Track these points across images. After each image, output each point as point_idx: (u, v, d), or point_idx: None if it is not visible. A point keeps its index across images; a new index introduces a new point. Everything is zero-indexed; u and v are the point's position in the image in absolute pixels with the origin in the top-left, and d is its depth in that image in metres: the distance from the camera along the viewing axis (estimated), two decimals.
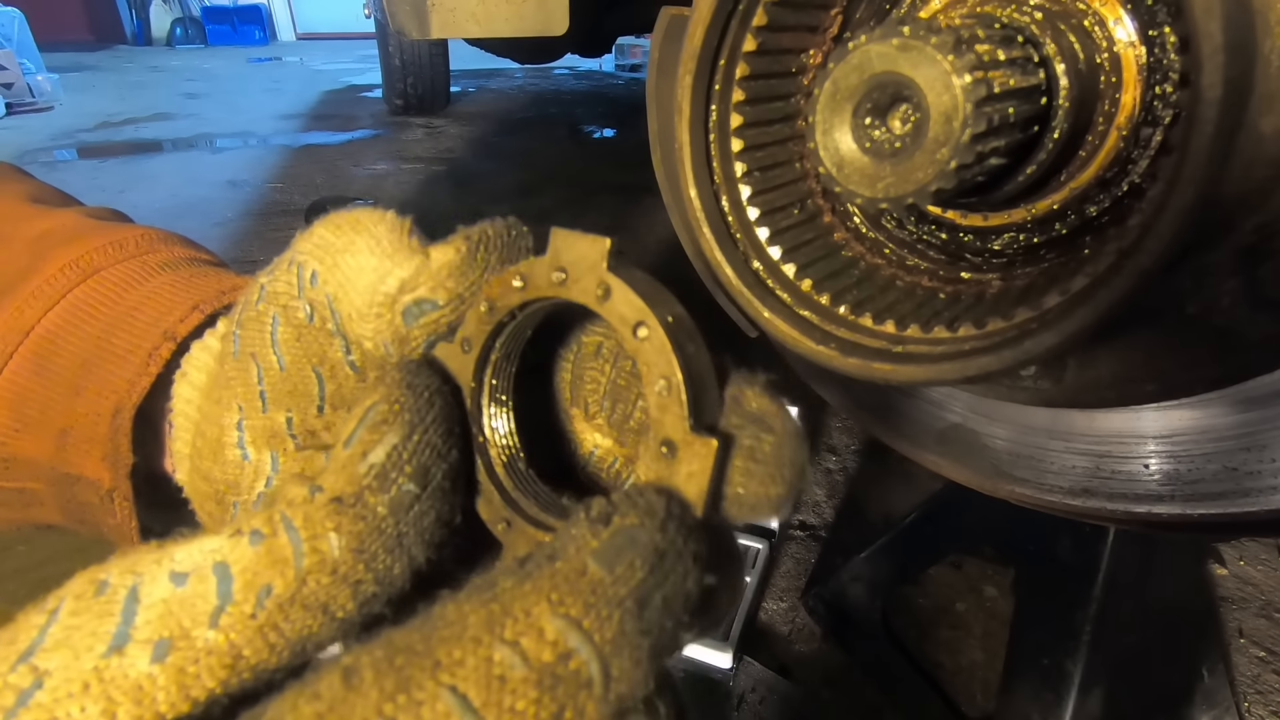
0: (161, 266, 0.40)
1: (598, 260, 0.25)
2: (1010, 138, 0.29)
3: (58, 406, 0.37)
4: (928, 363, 0.32)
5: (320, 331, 0.30)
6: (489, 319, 0.28)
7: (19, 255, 0.40)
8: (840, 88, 0.28)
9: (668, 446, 0.24)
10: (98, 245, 0.40)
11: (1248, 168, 0.36)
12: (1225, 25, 0.23)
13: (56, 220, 0.42)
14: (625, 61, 8.86)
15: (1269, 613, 1.41)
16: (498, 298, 0.27)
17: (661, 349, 0.24)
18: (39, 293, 0.38)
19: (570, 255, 0.26)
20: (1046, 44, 0.32)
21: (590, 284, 0.25)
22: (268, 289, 0.31)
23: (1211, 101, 0.23)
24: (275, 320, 0.30)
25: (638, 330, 0.25)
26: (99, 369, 0.37)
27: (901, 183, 0.28)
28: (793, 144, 0.41)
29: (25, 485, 0.40)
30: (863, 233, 0.43)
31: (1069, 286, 0.29)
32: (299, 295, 0.30)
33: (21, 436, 0.38)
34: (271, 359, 0.30)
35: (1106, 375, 0.46)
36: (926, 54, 0.26)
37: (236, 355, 0.31)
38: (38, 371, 0.37)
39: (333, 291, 0.29)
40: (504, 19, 1.47)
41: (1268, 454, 0.47)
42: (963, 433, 0.63)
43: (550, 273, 0.26)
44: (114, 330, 0.37)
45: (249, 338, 0.31)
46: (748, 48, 0.34)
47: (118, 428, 0.36)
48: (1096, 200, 0.38)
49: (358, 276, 0.29)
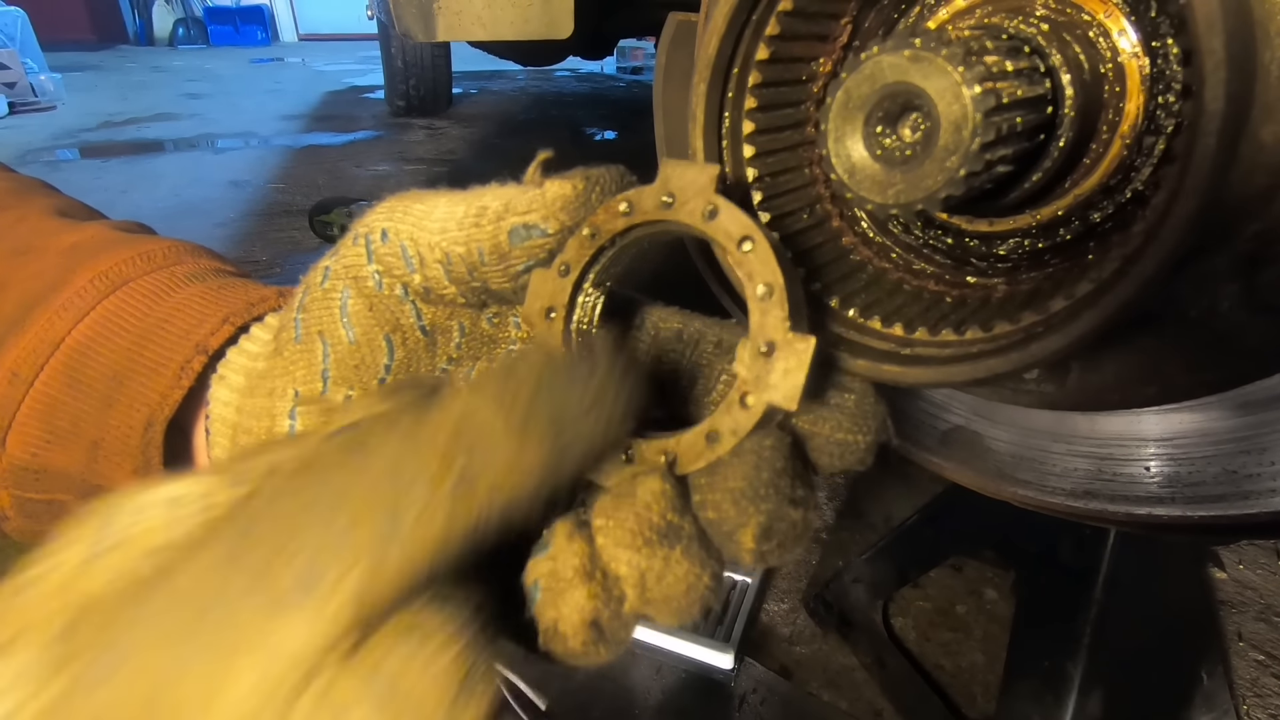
0: (189, 278, 0.41)
1: (706, 184, 0.27)
2: (1017, 146, 0.30)
3: (89, 418, 0.38)
4: (935, 365, 0.32)
5: (390, 298, 0.31)
6: (590, 244, 0.29)
7: (49, 268, 0.40)
8: (853, 97, 0.29)
9: (768, 346, 0.26)
10: (126, 257, 0.40)
11: (1248, 175, 0.36)
12: (1227, 41, 0.23)
13: (85, 233, 0.42)
14: (627, 64, 8.88)
15: (1268, 616, 1.42)
16: (602, 223, 0.29)
17: (766, 259, 0.27)
18: (69, 304, 0.38)
19: (679, 182, 0.28)
20: (1052, 54, 0.33)
21: (698, 206, 0.28)
22: (333, 268, 0.31)
23: (1214, 114, 0.24)
24: (346, 293, 0.31)
25: (742, 244, 0.27)
26: (131, 381, 0.37)
27: (912, 189, 0.29)
28: (802, 150, 0.41)
29: (55, 497, 0.40)
30: (870, 237, 0.43)
31: (1074, 291, 0.30)
32: (369, 262, 0.31)
33: (53, 448, 0.38)
34: (340, 334, 0.31)
35: (1109, 378, 0.47)
36: (937, 65, 0.26)
37: (299, 340, 0.31)
38: (69, 383, 0.38)
39: (407, 236, 0.30)
40: (509, 22, 1.48)
41: (1267, 457, 0.48)
42: (965, 435, 0.64)
43: (658, 198, 0.28)
44: (144, 343, 0.38)
45: (313, 318, 0.31)
46: (760, 56, 0.35)
47: (149, 441, 0.37)
48: (1100, 207, 0.38)
49: (433, 210, 0.30)
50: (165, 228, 0.49)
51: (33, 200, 0.47)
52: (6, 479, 0.39)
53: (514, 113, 6.26)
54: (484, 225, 0.29)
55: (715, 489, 0.26)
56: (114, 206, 0.52)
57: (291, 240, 3.17)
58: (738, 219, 0.27)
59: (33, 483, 0.39)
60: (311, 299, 0.32)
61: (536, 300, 0.30)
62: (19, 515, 0.40)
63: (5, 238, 0.42)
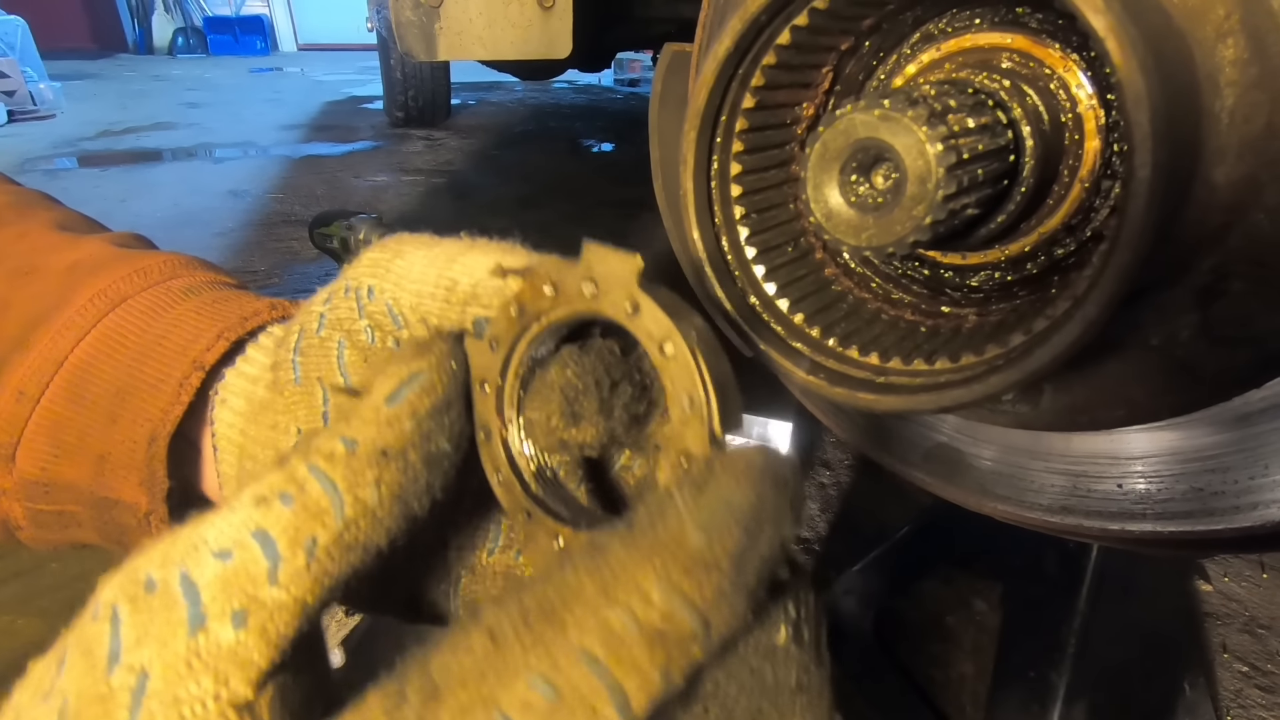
0: (185, 292, 0.43)
1: (628, 277, 0.26)
2: (980, 194, 0.33)
3: (95, 433, 0.39)
4: (907, 393, 0.35)
5: (383, 350, 0.33)
6: (518, 322, 0.29)
7: (51, 287, 0.42)
8: (829, 149, 0.31)
9: (686, 458, 0.26)
10: (123, 274, 0.42)
11: (1203, 214, 0.39)
12: (1153, 116, 0.26)
13: (85, 250, 0.44)
14: (624, 76, 8.95)
15: (1252, 629, 1.44)
16: (529, 302, 0.29)
17: (686, 367, 0.25)
18: (70, 323, 0.40)
19: (602, 269, 0.27)
20: (1014, 108, 0.36)
21: (620, 299, 0.26)
22: (328, 317, 0.33)
23: (1143, 181, 0.26)
24: (341, 344, 0.33)
25: (664, 347, 0.26)
26: (132, 398, 0.39)
27: (883, 234, 0.31)
28: (786, 187, 0.44)
29: (65, 508, 0.42)
30: (851, 268, 0.46)
31: (1031, 327, 0.32)
32: (360, 317, 0.33)
33: (60, 462, 0.40)
34: (338, 381, 0.33)
35: (1079, 401, 0.50)
36: (904, 124, 0.29)
37: (298, 381, 0.33)
38: (73, 400, 0.39)
39: (390, 295, 0.32)
40: (510, 43, 1.51)
41: (1230, 476, 0.50)
42: (949, 452, 0.66)
43: (581, 284, 0.27)
44: (144, 359, 0.40)
45: (312, 364, 0.33)
46: (746, 105, 0.38)
47: (153, 454, 0.39)
48: (1063, 244, 0.41)
49: (410, 270, 0.32)
50: (164, 237, 0.50)
51: (33, 215, 0.48)
52: (18, 492, 0.41)
53: (512, 124, 6.31)
54: (453, 304, 0.31)
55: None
56: (112, 216, 0.54)
57: (290, 250, 3.19)
58: (658, 320, 0.26)
59: (43, 495, 0.41)
60: (308, 344, 0.34)
61: (472, 371, 0.30)
62: (31, 525, 0.42)
63: (7, 256, 0.44)
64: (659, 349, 0.26)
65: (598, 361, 0.29)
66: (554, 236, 0.32)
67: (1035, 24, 0.39)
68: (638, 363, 0.30)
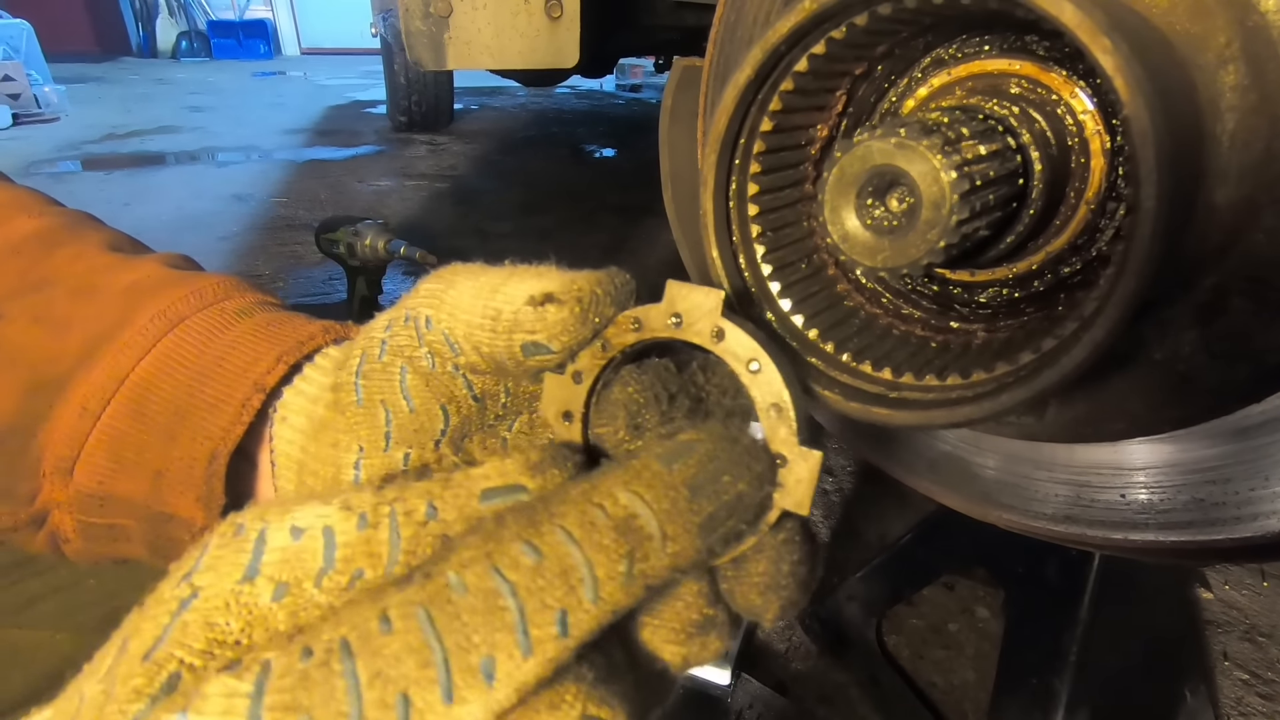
0: (238, 313, 0.44)
1: (713, 308, 0.31)
2: (991, 217, 0.34)
3: (153, 450, 0.41)
4: (920, 409, 0.36)
5: (444, 374, 0.35)
6: (602, 355, 0.32)
7: (111, 307, 0.43)
8: (846, 174, 0.33)
9: (780, 458, 0.29)
10: (180, 295, 0.44)
11: (1204, 234, 0.41)
12: (1159, 151, 0.27)
13: (141, 271, 0.46)
14: (626, 81, 8.99)
15: (1253, 636, 1.45)
16: (613, 337, 0.32)
17: (772, 379, 0.30)
18: (132, 342, 0.41)
19: (685, 304, 0.31)
20: (1023, 134, 0.37)
21: (705, 327, 0.31)
22: (390, 344, 0.35)
23: (1148, 211, 0.28)
24: (404, 370, 0.35)
25: (750, 364, 0.30)
26: (192, 417, 0.41)
27: (897, 256, 0.33)
28: (800, 205, 0.45)
29: (117, 521, 0.43)
30: (863, 284, 0.47)
31: (1040, 346, 0.34)
32: (420, 344, 0.35)
33: (118, 477, 0.41)
34: (401, 403, 0.34)
35: (1084, 413, 0.51)
36: (919, 152, 0.30)
37: (361, 403, 0.35)
38: (134, 416, 0.41)
39: (446, 325, 0.34)
40: (517, 52, 1.53)
41: (1231, 487, 0.51)
42: (953, 461, 0.67)
43: (666, 318, 0.31)
44: (204, 379, 0.41)
45: (375, 386, 0.35)
46: (764, 128, 0.39)
47: (213, 472, 0.40)
48: (1070, 263, 0.42)
49: (460, 300, 0.34)
50: (168, 241, 0.52)
51: (85, 236, 0.50)
52: (73, 505, 0.42)
53: (515, 129, 6.34)
54: (499, 332, 0.32)
55: (742, 581, 0.30)
56: (117, 219, 0.55)
57: (294, 254, 3.20)
58: (744, 342, 0.30)
59: (97, 509, 0.42)
60: (370, 368, 0.35)
61: (552, 404, 0.33)
62: (80, 538, 0.43)
63: (66, 276, 0.46)
64: (745, 367, 0.30)
65: (655, 378, 0.32)
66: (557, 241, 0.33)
67: (1043, 51, 0.41)
68: (691, 378, 0.33)
